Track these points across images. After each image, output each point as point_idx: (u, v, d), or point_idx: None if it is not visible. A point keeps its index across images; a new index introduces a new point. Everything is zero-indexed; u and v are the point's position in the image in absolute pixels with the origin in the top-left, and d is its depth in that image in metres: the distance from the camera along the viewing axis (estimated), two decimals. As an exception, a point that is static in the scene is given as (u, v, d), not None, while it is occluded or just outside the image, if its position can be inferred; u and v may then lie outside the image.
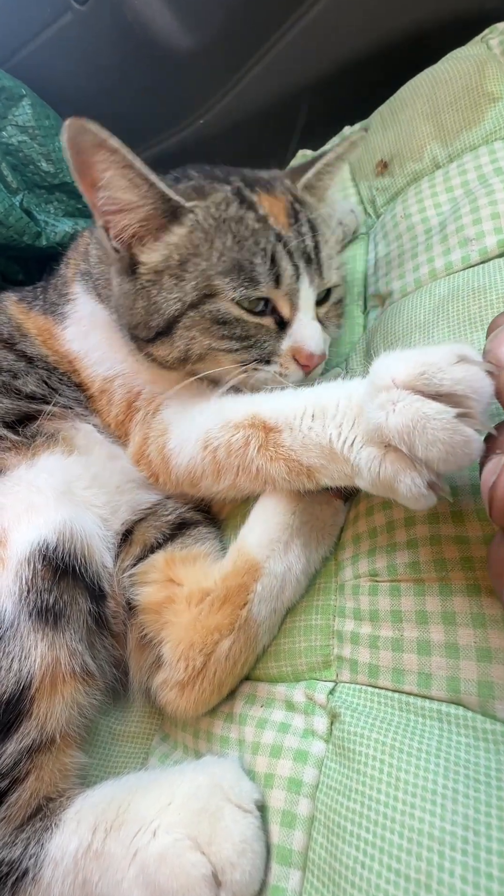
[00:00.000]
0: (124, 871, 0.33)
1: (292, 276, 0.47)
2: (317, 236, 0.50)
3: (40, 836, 0.37)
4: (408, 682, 0.33)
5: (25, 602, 0.42)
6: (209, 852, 0.31)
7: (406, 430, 0.30)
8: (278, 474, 0.42)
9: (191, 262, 0.48)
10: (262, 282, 0.46)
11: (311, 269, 0.49)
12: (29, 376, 0.59)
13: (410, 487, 0.31)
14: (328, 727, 0.37)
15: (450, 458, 0.29)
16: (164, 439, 0.52)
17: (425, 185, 0.64)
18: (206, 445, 0.46)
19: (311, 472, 0.40)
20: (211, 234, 0.47)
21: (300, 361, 0.49)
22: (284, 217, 0.49)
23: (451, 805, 0.26)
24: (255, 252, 0.46)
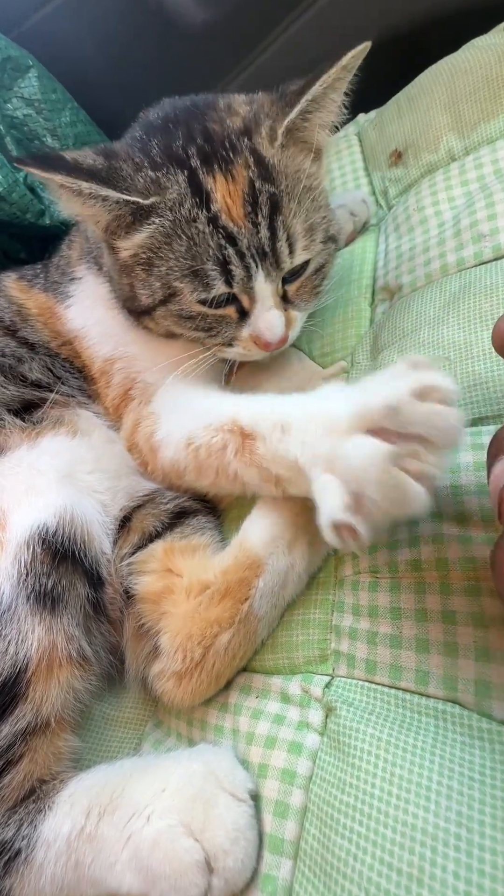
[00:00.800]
0: (117, 854, 0.34)
1: (243, 279, 0.47)
2: (277, 220, 0.47)
3: (33, 817, 0.38)
4: (405, 679, 0.33)
5: (23, 585, 0.42)
6: (202, 839, 0.32)
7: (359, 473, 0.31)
8: (251, 480, 0.43)
9: (155, 262, 0.49)
10: (215, 285, 0.47)
11: (266, 263, 0.48)
12: (34, 362, 0.59)
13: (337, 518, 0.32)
14: (323, 720, 0.37)
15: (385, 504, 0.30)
16: (152, 430, 0.52)
17: (440, 178, 0.63)
18: (188, 443, 0.47)
19: (280, 481, 0.41)
20: (169, 238, 0.47)
21: (259, 346, 0.52)
22: (240, 206, 0.46)
23: (444, 801, 0.26)
24: (207, 259, 0.46)
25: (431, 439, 0.30)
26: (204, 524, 0.54)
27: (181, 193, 0.47)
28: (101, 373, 0.59)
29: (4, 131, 0.80)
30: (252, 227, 0.47)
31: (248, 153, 0.48)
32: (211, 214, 0.46)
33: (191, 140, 0.48)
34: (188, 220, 0.46)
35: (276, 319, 0.50)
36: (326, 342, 0.63)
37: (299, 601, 0.44)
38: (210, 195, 0.46)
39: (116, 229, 0.49)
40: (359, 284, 0.65)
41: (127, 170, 0.47)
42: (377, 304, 0.63)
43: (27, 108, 0.84)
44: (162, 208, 0.47)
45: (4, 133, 0.80)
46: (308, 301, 0.55)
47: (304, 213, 0.49)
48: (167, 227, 0.47)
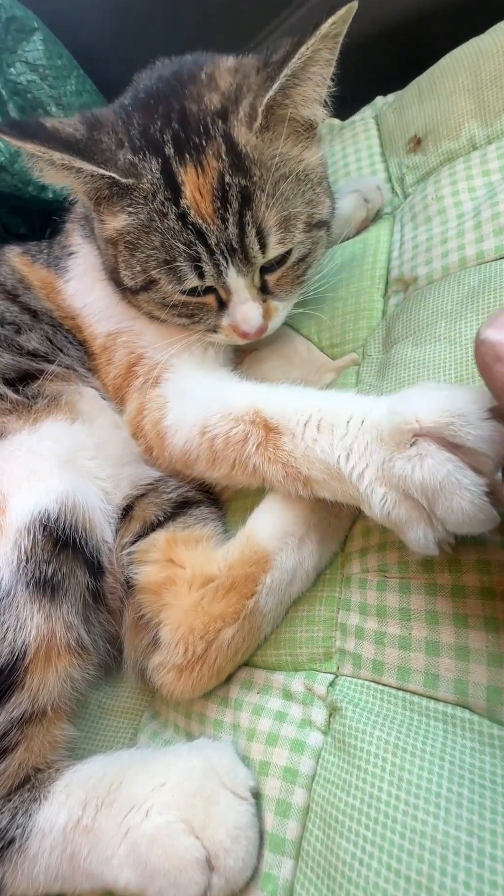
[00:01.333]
0: (115, 847, 0.33)
1: (214, 275, 0.47)
2: (247, 214, 0.45)
3: (28, 806, 0.37)
4: (413, 681, 0.33)
5: (23, 572, 0.41)
6: (203, 836, 0.31)
7: (431, 489, 0.30)
8: (274, 476, 0.41)
9: (136, 248, 0.48)
10: (188, 279, 0.47)
11: (235, 259, 0.46)
12: (33, 332, 0.57)
13: (420, 539, 0.31)
14: (326, 719, 0.36)
15: (465, 525, 0.29)
16: (160, 414, 0.50)
17: (460, 167, 0.61)
18: (203, 432, 0.45)
19: (310, 482, 0.39)
20: (145, 228, 0.47)
21: (238, 335, 0.51)
22: (209, 202, 0.45)
23: (455, 809, 0.26)
24: (178, 253, 0.46)
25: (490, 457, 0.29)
26: (207, 515, 0.53)
27: (154, 184, 0.45)
28: (103, 349, 0.58)
29: (7, 97, 0.77)
30: (221, 223, 0.45)
31: (221, 140, 0.45)
32: (181, 210, 0.45)
33: (167, 123, 0.46)
34: (160, 214, 0.45)
35: (252, 311, 0.49)
36: (336, 333, 0.61)
37: (304, 597, 0.44)
38: (181, 189, 0.45)
39: (101, 201, 0.48)
40: (371, 274, 0.63)
41: (108, 143, 0.46)
42: (390, 295, 0.61)
43: (31, 74, 0.80)
44: (137, 196, 0.46)
45: (7, 99, 0.77)
46: (290, 291, 0.53)
47: (279, 203, 0.46)
48: (143, 218, 0.46)
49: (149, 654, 0.44)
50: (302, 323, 0.64)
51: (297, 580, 0.42)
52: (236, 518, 0.55)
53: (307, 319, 0.64)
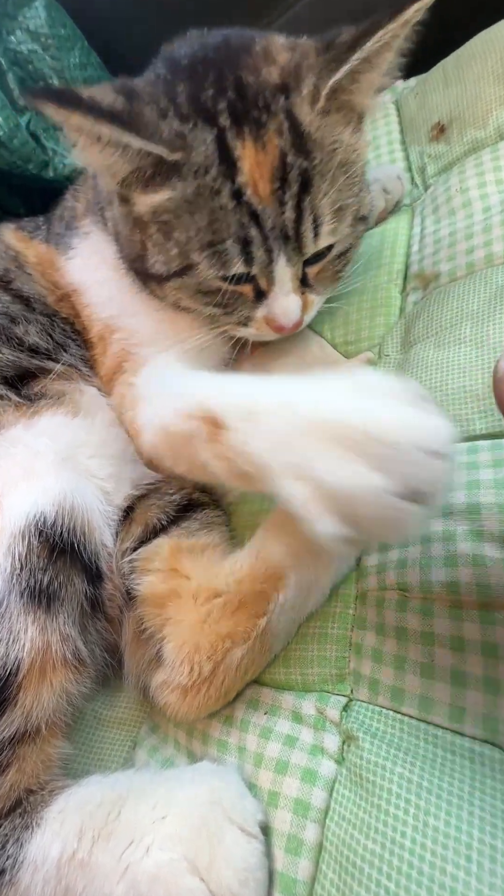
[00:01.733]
0: (112, 885, 0.31)
1: (263, 261, 0.44)
2: (305, 200, 0.42)
3: (20, 834, 0.35)
4: (437, 714, 0.31)
5: (17, 580, 0.39)
6: (208, 878, 0.29)
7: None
8: (220, 472, 0.36)
9: (174, 227, 0.44)
10: (234, 265, 0.43)
11: (288, 247, 0.44)
12: (30, 325, 0.53)
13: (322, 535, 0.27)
14: (340, 747, 0.34)
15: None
16: (133, 413, 0.48)
17: (487, 157, 0.58)
18: (163, 429, 0.41)
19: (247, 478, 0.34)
20: (191, 206, 0.43)
21: (272, 329, 0.49)
22: (267, 182, 0.42)
23: (488, 864, 0.24)
24: (228, 236, 0.42)
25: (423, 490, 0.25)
26: (212, 519, 0.51)
27: (207, 157, 0.41)
28: (100, 338, 0.55)
29: (6, 67, 0.72)
30: (278, 206, 0.42)
31: (283, 116, 0.42)
32: (236, 187, 0.41)
33: (221, 92, 0.42)
34: (212, 191, 0.42)
35: (293, 304, 0.47)
36: (351, 330, 0.58)
37: (316, 612, 0.41)
38: (237, 165, 0.41)
39: (134, 182, 0.44)
40: (389, 269, 0.60)
41: (150, 115, 0.41)
42: (409, 291, 0.58)
43: (32, 43, 0.76)
44: (186, 170, 0.42)
45: (6, 69, 0.72)
46: (327, 286, 0.51)
47: (335, 192, 0.44)
48: (189, 194, 0.42)
49: (151, 671, 0.41)
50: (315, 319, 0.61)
51: (311, 598, 0.40)
52: (242, 522, 0.52)
53: (320, 315, 0.61)
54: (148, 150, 0.40)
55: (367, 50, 0.41)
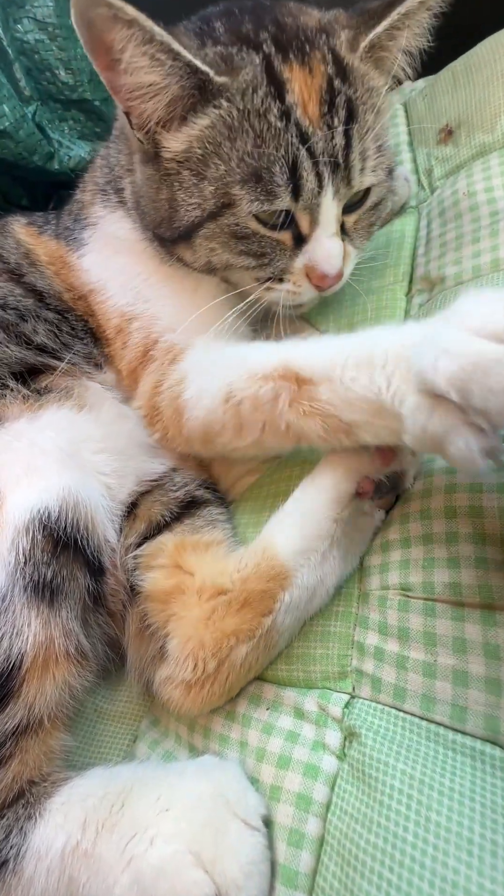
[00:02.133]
0: (116, 876, 0.31)
1: (313, 190, 0.42)
2: (352, 128, 0.42)
3: (23, 824, 0.35)
4: (439, 712, 0.31)
5: (21, 574, 0.39)
6: (213, 871, 0.29)
7: (462, 377, 0.26)
8: (313, 431, 0.37)
9: (211, 161, 0.42)
10: (280, 195, 0.41)
11: (337, 177, 0.42)
12: (39, 322, 0.53)
13: (464, 450, 0.27)
14: (342, 743, 0.35)
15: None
16: (179, 389, 0.47)
17: (494, 161, 0.58)
18: (227, 398, 0.42)
19: (352, 429, 0.36)
20: (233, 132, 0.41)
21: (313, 281, 0.46)
22: (316, 104, 0.41)
23: (489, 859, 0.24)
24: (275, 160, 0.40)
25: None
26: (216, 516, 0.51)
27: (255, 77, 0.41)
28: (118, 331, 0.54)
29: (13, 56, 0.71)
30: (328, 130, 0.41)
31: (325, 50, 0.43)
32: (285, 107, 0.40)
33: (261, 26, 0.43)
34: (259, 112, 0.40)
35: (337, 249, 0.45)
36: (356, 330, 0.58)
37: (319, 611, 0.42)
38: (286, 85, 0.41)
39: (170, 119, 0.43)
40: (395, 271, 0.61)
41: (189, 44, 0.42)
42: (414, 294, 0.59)
43: (39, 33, 0.75)
44: (231, 93, 0.40)
45: (13, 58, 0.71)
46: (363, 238, 0.50)
47: (376, 129, 0.44)
48: (234, 118, 0.41)
49: (155, 666, 0.42)
50: (319, 318, 0.61)
51: (317, 597, 0.40)
52: (245, 519, 0.52)
53: (325, 315, 0.61)
54: (196, 67, 0.40)
55: (407, 5, 0.42)
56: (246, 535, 0.50)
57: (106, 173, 0.59)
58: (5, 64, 0.70)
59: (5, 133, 0.68)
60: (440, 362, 0.27)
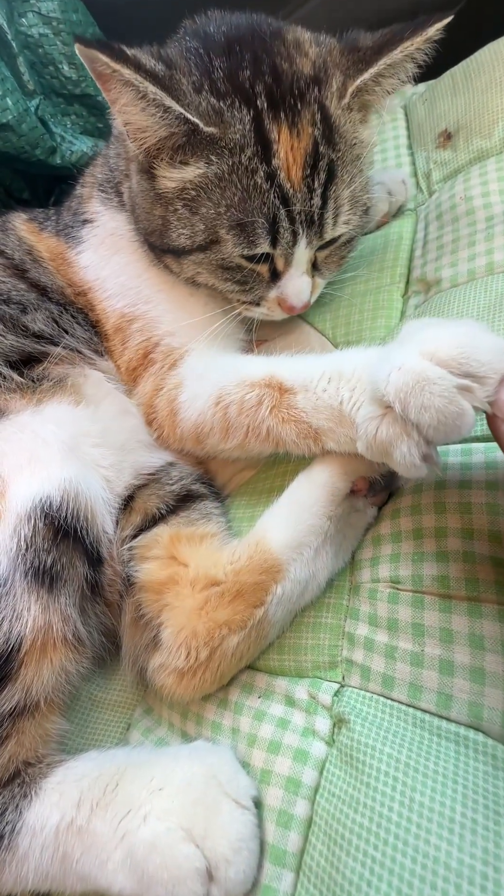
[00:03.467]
0: (110, 852, 0.32)
1: (288, 242, 0.46)
2: (330, 190, 0.45)
3: (18, 802, 0.36)
4: (425, 700, 0.32)
5: (22, 560, 0.40)
6: (204, 846, 0.31)
7: (403, 390, 0.29)
8: (287, 436, 0.42)
9: (203, 203, 0.46)
10: (260, 244, 0.46)
11: (311, 231, 0.47)
12: (39, 312, 0.54)
13: (405, 455, 0.30)
14: (331, 729, 0.36)
15: (441, 426, 0.29)
16: (176, 392, 0.51)
17: (492, 167, 0.59)
18: (218, 401, 0.46)
19: (319, 435, 0.41)
20: (223, 182, 0.44)
21: (283, 308, 0.52)
22: (300, 168, 0.44)
23: (469, 836, 0.26)
24: (258, 215, 0.44)
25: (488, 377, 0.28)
26: (211, 510, 0.52)
27: (244, 136, 0.43)
28: (117, 330, 0.56)
29: (18, 50, 0.72)
30: (307, 192, 0.44)
31: (315, 107, 0.44)
32: (271, 170, 0.43)
33: (258, 75, 0.44)
34: (247, 170, 0.43)
35: (305, 286, 0.50)
36: (353, 329, 0.59)
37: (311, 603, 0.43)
38: (273, 148, 0.43)
39: (159, 153, 0.45)
40: (392, 272, 0.62)
41: (186, 86, 0.43)
42: (410, 295, 0.60)
43: (43, 27, 0.75)
44: (221, 147, 0.43)
45: (17, 52, 0.72)
46: (332, 270, 0.55)
47: (353, 184, 0.47)
48: (223, 171, 0.44)
49: (149, 655, 0.42)
50: (316, 317, 0.62)
51: (309, 591, 0.41)
52: (240, 514, 0.53)
53: (322, 314, 0.62)
54: (186, 117, 0.42)
55: (392, 57, 0.44)
56: (241, 529, 0.51)
57: (106, 172, 0.60)
58: (9, 58, 0.71)
59: (8, 126, 0.68)
60: (392, 376, 0.30)
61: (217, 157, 0.43)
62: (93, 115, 0.83)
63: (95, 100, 0.81)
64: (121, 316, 0.55)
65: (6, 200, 0.81)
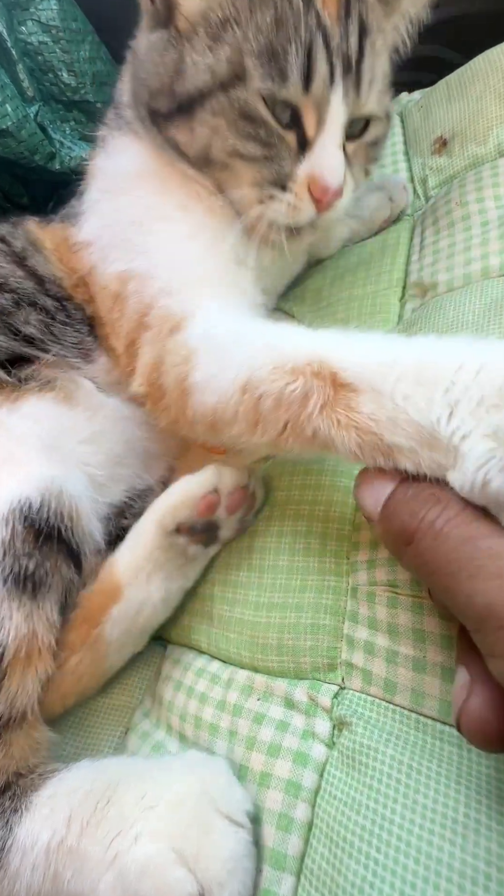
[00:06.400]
0: (101, 873, 0.31)
1: (325, 80, 0.41)
2: (366, 41, 0.42)
3: (9, 817, 0.35)
4: (427, 706, 0.32)
5: (0, 566, 0.39)
6: (196, 869, 0.30)
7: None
8: (344, 445, 0.31)
9: (229, 26, 0.41)
10: (291, 77, 0.40)
11: (348, 78, 0.42)
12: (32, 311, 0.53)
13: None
14: (331, 732, 0.35)
15: None
16: (186, 369, 0.41)
17: (487, 173, 0.60)
18: (245, 388, 0.36)
19: (393, 452, 0.29)
20: (254, 1, 0.40)
21: (315, 194, 0.44)
22: (335, 6, 0.41)
23: (473, 836, 0.25)
24: (292, 39, 0.39)
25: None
26: None
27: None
28: (115, 299, 0.49)
29: (17, 57, 0.72)
30: (344, 31, 0.41)
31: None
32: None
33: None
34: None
35: (340, 160, 0.43)
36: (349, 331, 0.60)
37: (307, 603, 0.42)
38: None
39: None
40: (389, 276, 0.62)
41: None
42: (407, 299, 0.60)
43: (43, 35, 0.76)
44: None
45: (17, 59, 0.72)
46: (360, 172, 0.50)
47: (381, 59, 0.45)
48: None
49: None
50: (313, 321, 0.63)
51: (144, 611, 0.45)
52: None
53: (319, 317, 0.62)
54: None
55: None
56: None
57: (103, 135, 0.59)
58: (9, 65, 0.71)
59: (8, 132, 0.69)
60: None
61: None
62: (91, 121, 0.84)
63: (94, 106, 0.82)
64: (118, 279, 0.49)
65: (5, 205, 0.81)
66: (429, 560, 0.25)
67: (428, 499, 0.26)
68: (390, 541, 0.28)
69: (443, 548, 0.24)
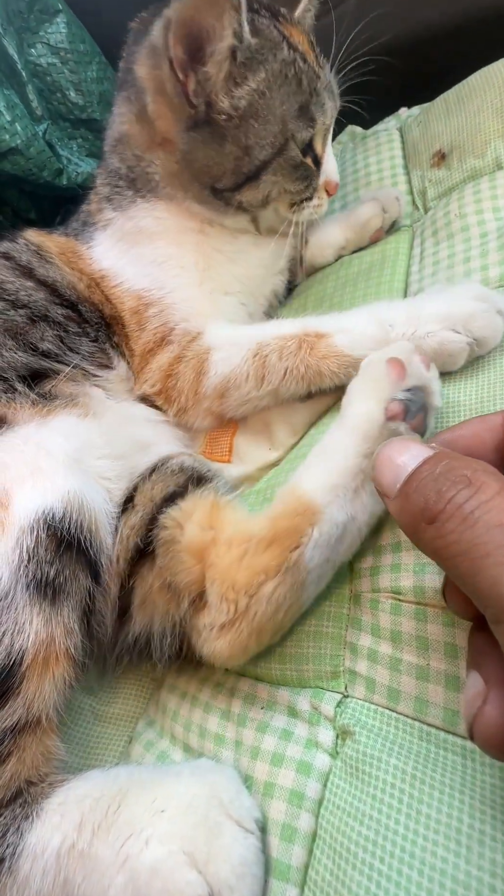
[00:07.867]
0: (112, 877, 0.31)
1: (332, 111, 0.57)
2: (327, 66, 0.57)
3: (20, 824, 0.35)
4: (431, 715, 0.32)
5: (24, 572, 0.39)
6: (206, 872, 0.30)
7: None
8: (328, 369, 0.48)
9: (272, 107, 0.53)
10: (316, 119, 0.55)
11: (335, 104, 0.57)
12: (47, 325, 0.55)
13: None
14: (334, 741, 0.35)
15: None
16: (204, 357, 0.54)
17: (485, 185, 0.61)
18: (257, 353, 0.51)
19: (359, 362, 0.45)
20: (279, 80, 0.53)
21: (329, 191, 0.62)
22: (311, 52, 0.55)
23: (477, 847, 0.25)
24: (310, 92, 0.54)
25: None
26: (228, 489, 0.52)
27: (276, 38, 0.53)
28: (133, 312, 0.59)
29: (27, 78, 0.75)
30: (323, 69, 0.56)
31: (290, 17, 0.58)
32: (300, 54, 0.54)
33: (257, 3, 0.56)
34: (287, 62, 0.53)
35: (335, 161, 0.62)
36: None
37: (311, 611, 0.42)
38: (289, 40, 0.54)
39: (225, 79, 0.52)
40: (389, 287, 0.63)
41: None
42: (408, 310, 0.61)
43: (52, 57, 0.78)
44: (265, 52, 0.52)
45: (26, 80, 0.74)
46: None
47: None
48: (276, 69, 0.53)
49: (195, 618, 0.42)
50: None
51: (347, 536, 0.39)
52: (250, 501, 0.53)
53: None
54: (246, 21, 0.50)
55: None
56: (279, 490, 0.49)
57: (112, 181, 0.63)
58: (19, 85, 0.73)
59: (17, 150, 0.71)
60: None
61: (267, 61, 0.52)
62: (98, 138, 0.86)
63: (100, 124, 0.84)
64: (139, 298, 0.58)
65: (14, 220, 0.83)
66: (452, 542, 0.24)
67: (459, 480, 0.25)
68: (407, 518, 0.27)
69: (470, 532, 0.23)
